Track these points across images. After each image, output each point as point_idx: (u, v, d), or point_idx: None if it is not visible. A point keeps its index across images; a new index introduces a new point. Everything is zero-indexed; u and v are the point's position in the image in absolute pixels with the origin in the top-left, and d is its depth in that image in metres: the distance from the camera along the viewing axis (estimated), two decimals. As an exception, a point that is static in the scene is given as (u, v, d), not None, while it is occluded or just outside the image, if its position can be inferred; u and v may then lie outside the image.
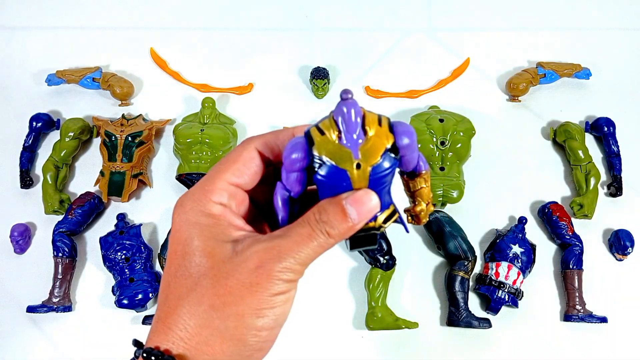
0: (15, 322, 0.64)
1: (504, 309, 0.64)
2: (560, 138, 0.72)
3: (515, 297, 0.63)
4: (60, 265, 0.64)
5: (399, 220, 0.32)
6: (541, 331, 0.64)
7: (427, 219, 0.33)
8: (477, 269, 0.66)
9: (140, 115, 0.73)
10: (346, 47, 0.80)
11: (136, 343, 0.31)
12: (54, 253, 0.64)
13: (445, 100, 0.76)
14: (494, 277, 0.63)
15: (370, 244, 0.32)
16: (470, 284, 0.65)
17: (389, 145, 0.29)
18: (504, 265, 0.63)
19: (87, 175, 0.71)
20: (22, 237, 0.66)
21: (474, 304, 0.64)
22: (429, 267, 0.67)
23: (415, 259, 0.67)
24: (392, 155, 0.29)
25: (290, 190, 0.30)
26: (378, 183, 0.29)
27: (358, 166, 0.29)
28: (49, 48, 0.80)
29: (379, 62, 0.80)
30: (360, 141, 0.28)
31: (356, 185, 0.29)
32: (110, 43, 0.81)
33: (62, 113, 0.75)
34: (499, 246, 0.64)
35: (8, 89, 0.77)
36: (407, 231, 0.32)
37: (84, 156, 0.73)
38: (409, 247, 0.68)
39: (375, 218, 0.30)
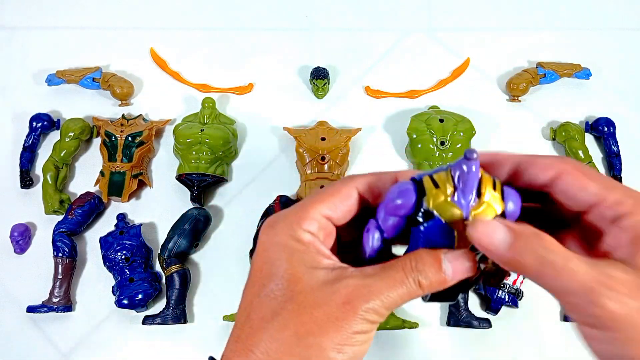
0: (15, 322, 0.64)
1: (504, 309, 0.64)
2: (560, 138, 0.72)
3: (515, 297, 0.63)
4: (60, 265, 0.64)
5: (480, 283, 0.32)
6: (541, 331, 0.64)
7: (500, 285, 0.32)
8: (477, 269, 0.66)
9: (140, 115, 0.73)
10: (346, 47, 0.80)
11: None
12: (54, 253, 0.64)
13: (445, 100, 0.76)
14: (494, 277, 0.63)
15: (450, 299, 0.31)
16: (470, 284, 0.65)
17: (499, 211, 0.28)
18: (504, 265, 0.63)
19: (87, 175, 0.71)
20: (22, 237, 0.66)
21: (474, 304, 0.64)
22: (429, 267, 0.67)
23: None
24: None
25: (383, 231, 0.30)
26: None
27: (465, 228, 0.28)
28: (49, 48, 0.80)
29: (379, 62, 0.80)
30: (472, 203, 0.28)
31: (458, 246, 0.29)
32: (110, 43, 0.81)
33: (62, 113, 0.75)
34: (499, 246, 0.64)
35: (8, 89, 0.77)
36: (482, 292, 0.32)
37: (84, 156, 0.73)
38: (409, 247, 0.68)
39: None
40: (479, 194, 0.28)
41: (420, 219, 0.28)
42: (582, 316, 0.26)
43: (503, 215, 0.28)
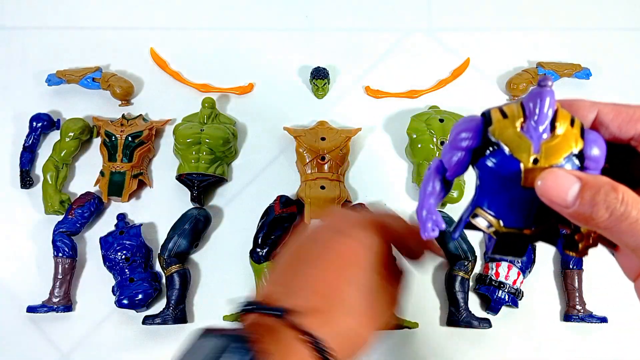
0: (15, 322, 0.64)
1: (504, 309, 0.64)
2: (560, 138, 0.72)
3: (515, 297, 0.63)
4: (60, 265, 0.64)
5: (556, 242, 0.28)
6: (541, 331, 0.64)
7: (587, 254, 0.29)
8: (477, 269, 0.66)
9: (140, 115, 0.73)
10: (346, 47, 0.80)
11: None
12: (54, 253, 0.64)
13: (445, 100, 0.76)
14: (494, 277, 0.63)
15: (519, 254, 0.28)
16: (470, 284, 0.65)
17: (575, 150, 0.25)
18: (504, 265, 0.63)
19: (87, 175, 0.71)
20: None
21: (474, 304, 0.64)
22: (429, 267, 0.67)
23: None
24: (577, 162, 0.25)
25: (447, 169, 0.28)
26: None
27: (535, 161, 0.25)
28: (49, 48, 0.80)
29: (379, 62, 0.80)
30: (545, 136, 0.25)
31: (525, 182, 0.25)
32: (110, 43, 0.81)
33: (62, 113, 0.75)
34: (499, 246, 0.64)
35: (8, 89, 0.77)
36: (562, 253, 0.29)
37: (84, 156, 0.73)
38: (409, 247, 0.68)
39: (532, 227, 0.27)
40: (552, 128, 0.25)
41: (488, 153, 0.26)
42: None
43: (581, 156, 0.25)
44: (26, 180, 0.70)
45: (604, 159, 0.26)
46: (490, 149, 0.26)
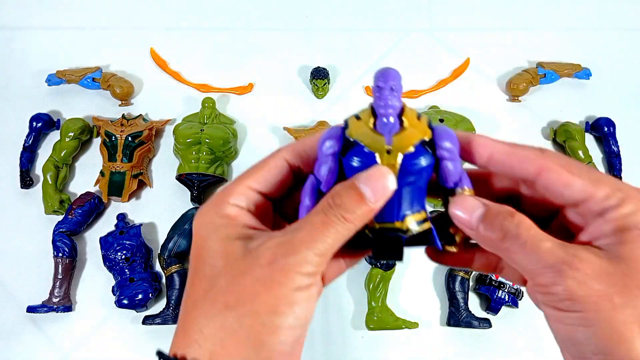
0: (15, 322, 0.64)
1: (504, 309, 0.64)
2: (560, 138, 0.72)
3: (515, 297, 0.63)
4: (60, 265, 0.64)
5: (431, 234, 0.29)
6: (541, 331, 0.64)
7: (457, 249, 0.31)
8: (477, 269, 0.66)
9: (140, 115, 0.73)
10: (346, 47, 0.80)
11: (159, 353, 0.30)
12: (54, 253, 0.64)
13: (445, 100, 0.76)
14: (494, 277, 0.63)
15: (396, 254, 0.29)
16: (470, 284, 0.65)
17: (425, 139, 0.28)
18: (504, 265, 0.63)
19: (87, 175, 0.71)
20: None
21: (474, 304, 0.64)
22: (429, 267, 0.67)
23: (415, 259, 0.67)
24: (428, 149, 0.28)
25: (320, 181, 0.29)
26: (408, 176, 0.28)
27: (389, 152, 0.28)
28: (49, 48, 0.80)
29: (379, 62, 0.80)
30: (394, 130, 0.28)
31: None
32: (110, 43, 0.81)
33: (62, 113, 0.75)
34: (499, 246, 0.64)
35: (8, 89, 0.77)
36: (440, 247, 0.29)
37: (84, 156, 0.73)
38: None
39: (403, 218, 0.29)
40: (401, 123, 0.28)
41: (347, 151, 0.28)
42: (545, 297, 0.26)
43: (432, 145, 0.28)
44: (26, 180, 0.70)
45: (458, 149, 0.28)
46: (349, 146, 0.28)
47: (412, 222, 0.29)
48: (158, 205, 0.70)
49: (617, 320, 0.24)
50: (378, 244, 0.29)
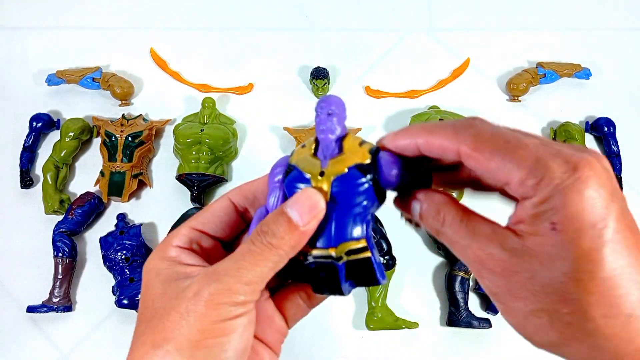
0: (15, 322, 0.64)
1: (504, 309, 0.64)
2: (560, 138, 0.72)
3: (515, 297, 0.63)
4: (60, 265, 0.64)
5: (373, 262, 0.27)
6: (541, 331, 0.64)
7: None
8: (477, 269, 0.66)
9: (140, 115, 0.73)
10: (346, 47, 0.80)
11: None
12: (54, 253, 0.64)
13: (445, 100, 0.76)
14: (494, 277, 0.63)
15: (334, 287, 0.28)
16: (470, 284, 0.65)
17: (361, 162, 0.28)
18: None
19: (87, 175, 0.71)
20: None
21: (474, 304, 0.64)
22: (429, 267, 0.67)
23: (415, 259, 0.67)
24: (364, 173, 0.27)
25: (269, 210, 0.29)
26: (344, 199, 0.27)
27: (322, 174, 0.28)
28: (49, 48, 0.80)
29: (379, 62, 0.80)
30: (333, 155, 0.29)
31: None
32: (110, 43, 0.81)
33: (62, 113, 0.75)
34: (499, 246, 0.64)
35: (8, 89, 0.77)
36: (380, 282, 0.28)
37: (84, 156, 0.73)
38: (409, 247, 0.68)
39: (337, 244, 0.27)
40: (341, 149, 0.29)
41: (287, 176, 0.29)
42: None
43: (374, 169, 0.27)
44: (26, 180, 0.70)
45: (399, 173, 0.28)
46: (289, 171, 0.29)
47: (346, 248, 0.27)
48: (158, 205, 0.70)
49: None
50: (314, 274, 0.28)
